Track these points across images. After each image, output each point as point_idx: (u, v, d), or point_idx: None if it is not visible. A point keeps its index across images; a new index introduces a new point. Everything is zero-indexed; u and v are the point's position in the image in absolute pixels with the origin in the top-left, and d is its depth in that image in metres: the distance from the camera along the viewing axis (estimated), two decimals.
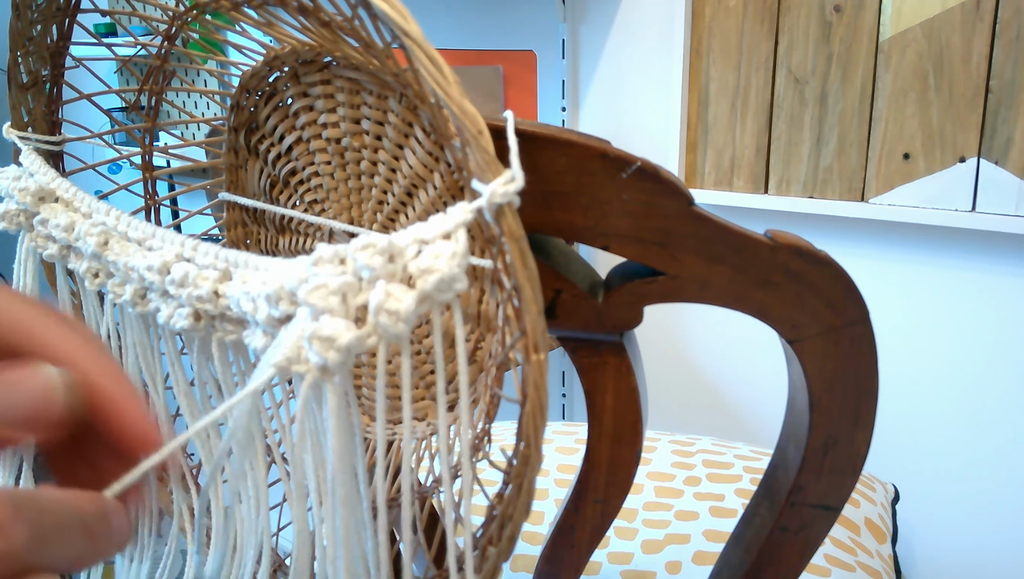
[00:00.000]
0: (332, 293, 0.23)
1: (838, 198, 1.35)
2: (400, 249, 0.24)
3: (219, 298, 0.30)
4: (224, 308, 0.30)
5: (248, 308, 0.27)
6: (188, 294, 0.31)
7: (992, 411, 1.34)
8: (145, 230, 0.34)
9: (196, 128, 1.77)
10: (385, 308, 0.23)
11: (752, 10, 1.37)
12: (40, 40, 0.45)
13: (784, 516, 0.40)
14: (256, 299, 0.26)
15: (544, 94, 1.67)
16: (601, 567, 0.69)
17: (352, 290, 0.23)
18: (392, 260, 0.24)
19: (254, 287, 0.27)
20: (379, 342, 0.23)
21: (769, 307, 0.35)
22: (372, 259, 0.23)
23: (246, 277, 0.29)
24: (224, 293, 0.30)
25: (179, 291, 0.31)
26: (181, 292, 0.31)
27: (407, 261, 0.24)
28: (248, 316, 0.28)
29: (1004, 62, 1.18)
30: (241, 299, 0.28)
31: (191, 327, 0.32)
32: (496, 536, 0.27)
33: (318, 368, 0.23)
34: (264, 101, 0.46)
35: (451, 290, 0.23)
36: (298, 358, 0.23)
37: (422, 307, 0.23)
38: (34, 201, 0.38)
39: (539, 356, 0.24)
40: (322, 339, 0.23)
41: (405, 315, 0.23)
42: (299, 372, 0.23)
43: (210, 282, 0.30)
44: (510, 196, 0.24)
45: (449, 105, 0.24)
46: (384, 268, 0.23)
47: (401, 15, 0.24)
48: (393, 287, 0.23)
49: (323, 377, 0.23)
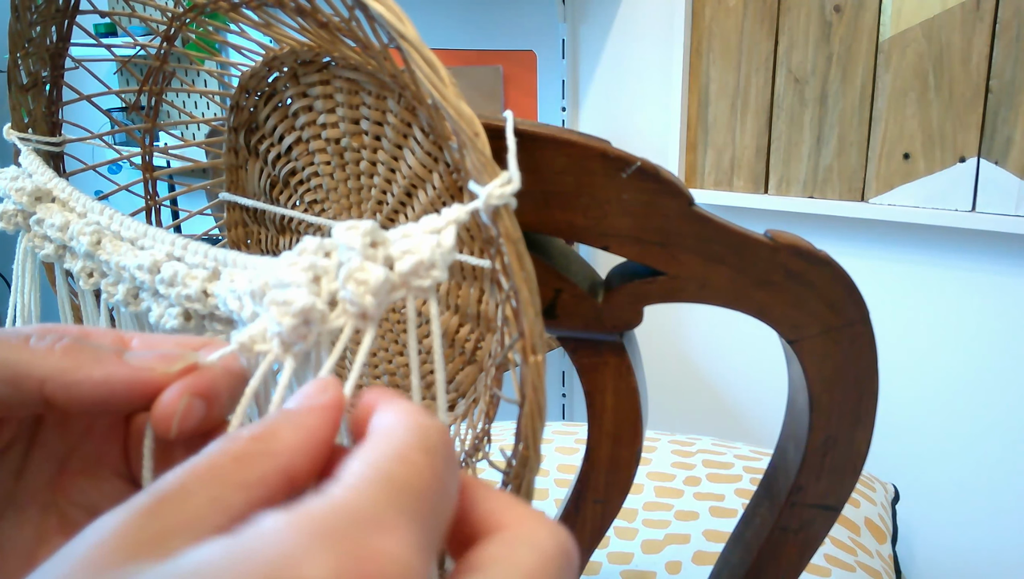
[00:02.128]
0: (303, 269, 0.23)
1: (838, 198, 1.35)
2: (384, 238, 0.24)
3: (208, 297, 0.30)
4: (213, 307, 0.30)
5: (234, 306, 0.27)
6: (177, 293, 0.31)
7: (992, 411, 1.34)
8: (137, 229, 0.34)
9: (196, 128, 1.77)
10: (354, 276, 0.22)
11: (752, 10, 1.37)
12: (40, 41, 0.45)
13: (784, 516, 0.40)
14: (242, 297, 0.26)
15: (544, 94, 1.67)
16: (601, 567, 0.69)
17: (327, 274, 0.23)
18: (374, 246, 0.23)
19: (240, 285, 0.27)
20: (346, 321, 0.22)
21: (769, 307, 0.35)
22: (354, 239, 0.23)
23: (233, 276, 0.29)
24: (212, 292, 0.30)
25: (169, 290, 0.31)
26: (171, 291, 0.31)
27: (389, 250, 0.23)
28: (235, 314, 0.28)
29: (1004, 62, 1.18)
30: (228, 297, 0.28)
31: (181, 327, 0.32)
32: None
33: (279, 342, 0.22)
34: (263, 101, 0.46)
35: (428, 276, 0.23)
36: (262, 337, 0.23)
37: (397, 293, 0.23)
38: (31, 201, 0.38)
39: (537, 358, 0.24)
40: (279, 305, 0.22)
41: (373, 287, 0.22)
42: (261, 350, 0.23)
43: (199, 281, 0.30)
44: (506, 198, 0.24)
45: (445, 107, 0.24)
46: (365, 251, 0.23)
47: (397, 17, 0.24)
48: (367, 262, 0.23)
49: (283, 353, 0.23)
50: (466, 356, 0.42)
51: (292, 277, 0.23)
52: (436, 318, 0.24)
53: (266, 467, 0.18)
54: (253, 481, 0.17)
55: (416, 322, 0.23)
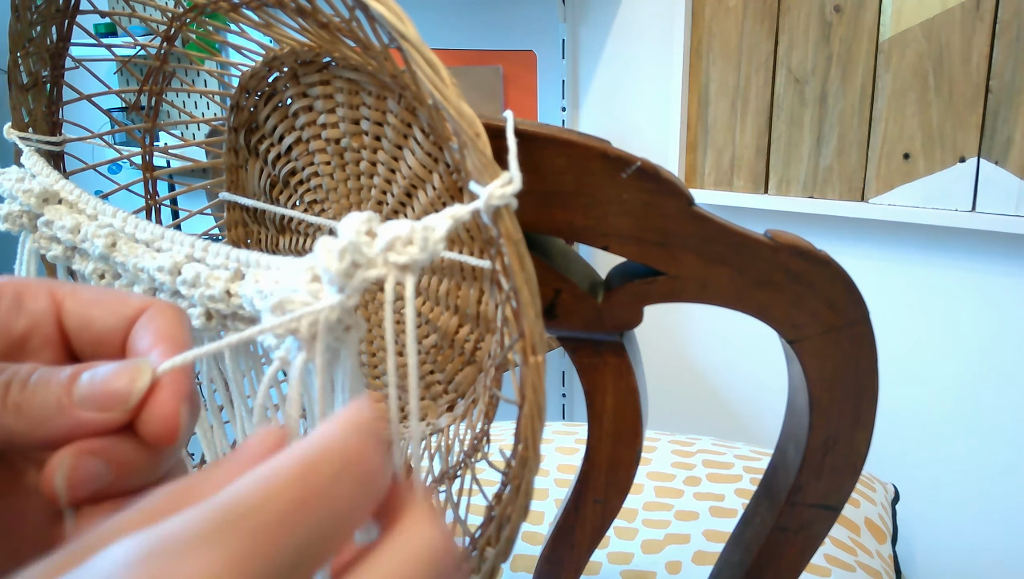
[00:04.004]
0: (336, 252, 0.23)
1: (838, 198, 1.35)
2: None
3: (231, 297, 0.31)
4: (236, 307, 0.31)
5: (262, 306, 0.27)
6: (200, 294, 0.31)
7: (992, 411, 1.34)
8: (153, 232, 0.34)
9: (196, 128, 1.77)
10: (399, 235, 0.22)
11: (752, 10, 1.37)
12: (40, 41, 0.45)
13: (784, 516, 0.40)
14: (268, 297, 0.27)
15: (544, 94, 1.67)
16: (601, 567, 0.69)
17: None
18: (371, 235, 0.23)
19: (267, 286, 0.27)
20: (387, 270, 0.22)
21: (769, 307, 0.35)
22: (352, 225, 0.23)
23: (259, 277, 0.29)
24: (236, 292, 0.30)
25: (191, 291, 0.31)
26: (193, 292, 0.31)
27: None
28: (261, 314, 0.28)
29: (1004, 62, 1.18)
30: (255, 298, 0.28)
31: (203, 326, 0.32)
32: (494, 537, 0.27)
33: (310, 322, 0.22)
34: (264, 101, 0.46)
35: (406, 253, 0.23)
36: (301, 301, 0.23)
37: (373, 270, 0.22)
38: (38, 202, 0.38)
39: (537, 358, 0.24)
40: (327, 249, 0.22)
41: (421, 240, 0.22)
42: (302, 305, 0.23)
43: (222, 282, 0.31)
44: (507, 198, 0.24)
45: (446, 108, 0.24)
46: (360, 237, 0.23)
47: (398, 17, 0.24)
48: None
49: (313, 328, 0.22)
50: (465, 356, 0.42)
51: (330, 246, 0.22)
52: (391, 285, 0.23)
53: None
54: None
55: (394, 308, 0.23)
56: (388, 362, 0.23)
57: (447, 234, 0.24)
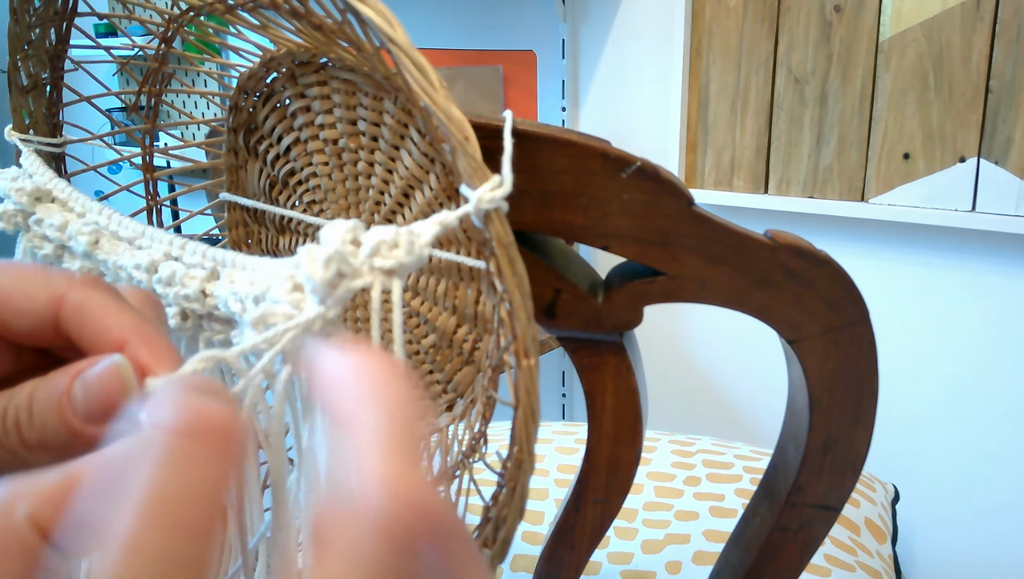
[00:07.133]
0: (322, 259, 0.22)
1: (838, 198, 1.35)
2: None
3: (207, 298, 0.30)
4: (212, 308, 0.30)
5: (236, 308, 0.27)
6: (175, 293, 0.30)
7: (992, 411, 1.34)
8: (135, 229, 0.34)
9: (196, 129, 1.77)
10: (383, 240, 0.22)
11: (752, 10, 1.36)
12: (39, 43, 0.45)
13: (784, 516, 0.40)
14: (244, 300, 0.26)
15: (544, 94, 1.67)
16: (601, 567, 0.69)
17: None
18: (355, 244, 0.23)
19: (242, 288, 0.27)
20: (373, 278, 0.22)
21: (769, 307, 0.35)
22: (336, 233, 0.23)
23: (234, 277, 0.29)
24: (212, 293, 0.30)
25: (166, 290, 0.31)
26: (168, 291, 0.31)
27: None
28: (236, 316, 0.27)
29: (1004, 62, 1.18)
30: (229, 299, 0.28)
31: (178, 327, 0.32)
32: (491, 538, 0.27)
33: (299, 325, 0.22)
34: (262, 102, 0.46)
35: (392, 257, 0.22)
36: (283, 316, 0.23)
37: (359, 280, 0.22)
38: (30, 201, 0.38)
39: (530, 361, 0.24)
40: (311, 257, 0.22)
41: (406, 244, 0.22)
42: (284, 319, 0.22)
43: (197, 281, 0.30)
44: (497, 202, 0.24)
45: (435, 111, 0.24)
46: (345, 246, 0.23)
47: (387, 21, 0.24)
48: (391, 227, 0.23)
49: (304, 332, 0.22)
50: (464, 356, 0.42)
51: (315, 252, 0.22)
52: (377, 288, 0.23)
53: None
54: None
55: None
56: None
57: (434, 239, 0.23)
